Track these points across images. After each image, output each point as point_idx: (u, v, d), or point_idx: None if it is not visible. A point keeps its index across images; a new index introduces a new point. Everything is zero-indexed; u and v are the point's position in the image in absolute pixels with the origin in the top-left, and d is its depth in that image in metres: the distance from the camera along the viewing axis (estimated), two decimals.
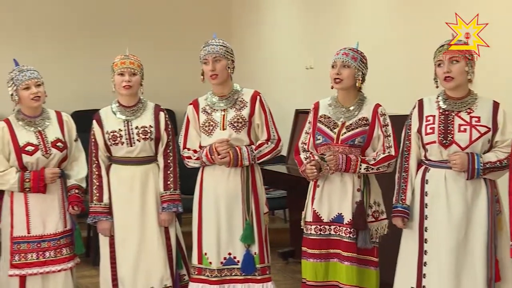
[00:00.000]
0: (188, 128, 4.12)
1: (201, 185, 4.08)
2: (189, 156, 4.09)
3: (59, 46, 7.60)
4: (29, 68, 4.08)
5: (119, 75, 4.06)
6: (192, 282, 4.08)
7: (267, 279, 4.06)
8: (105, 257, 4.14)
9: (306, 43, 7.01)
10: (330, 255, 3.83)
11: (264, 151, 4.05)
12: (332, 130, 3.82)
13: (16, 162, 4.03)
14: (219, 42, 4.03)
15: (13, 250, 4.04)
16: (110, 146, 4.10)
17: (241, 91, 4.10)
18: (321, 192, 3.84)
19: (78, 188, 4.11)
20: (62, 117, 4.16)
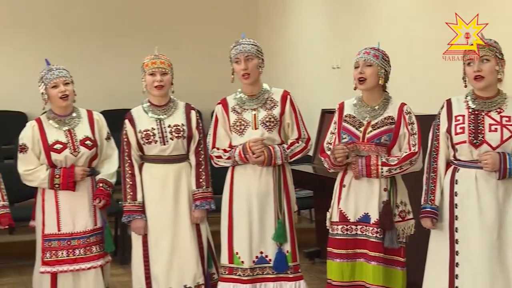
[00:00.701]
0: (217, 127, 4.13)
1: (231, 184, 4.09)
2: (219, 156, 4.10)
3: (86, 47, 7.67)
4: (58, 67, 4.12)
5: (150, 75, 4.08)
6: (222, 282, 4.08)
7: (300, 277, 4.07)
8: (138, 255, 4.15)
9: (332, 43, 6.99)
10: (356, 255, 3.82)
11: (295, 150, 4.07)
12: (358, 128, 3.81)
13: (46, 160, 4.08)
14: (250, 41, 4.04)
15: (44, 247, 4.09)
16: (143, 145, 4.12)
17: (271, 90, 4.11)
18: (347, 191, 3.83)
19: (105, 182, 4.13)
20: (93, 116, 4.19)
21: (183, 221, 4.12)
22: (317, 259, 5.75)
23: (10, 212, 4.06)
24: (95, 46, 7.75)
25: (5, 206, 4.02)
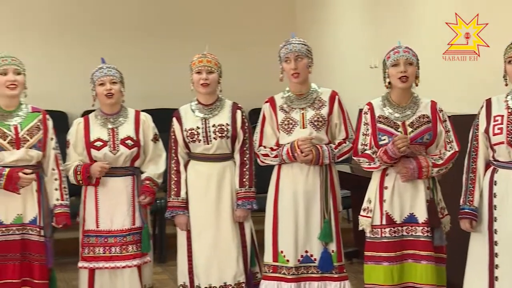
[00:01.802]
0: (264, 126, 4.15)
1: (277, 183, 4.11)
2: (266, 154, 4.11)
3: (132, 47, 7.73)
4: (109, 66, 4.18)
5: (196, 73, 4.13)
6: (266, 280, 4.10)
7: (345, 278, 4.07)
8: (182, 249, 4.21)
9: (370, 42, 6.95)
10: (403, 257, 3.80)
11: (343, 150, 4.07)
12: (397, 129, 3.78)
13: (87, 157, 4.15)
14: (300, 41, 4.06)
15: (83, 242, 4.16)
16: (188, 143, 4.16)
17: (319, 90, 4.11)
18: (391, 193, 3.80)
19: (151, 180, 4.16)
20: (140, 116, 4.23)
21: (225, 219, 4.15)
22: (355, 259, 5.72)
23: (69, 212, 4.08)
24: (136, 46, 7.83)
25: (63, 205, 4.05)
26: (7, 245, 3.96)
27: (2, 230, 3.97)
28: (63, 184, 4.08)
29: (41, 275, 4.00)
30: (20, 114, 4.02)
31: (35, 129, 4.02)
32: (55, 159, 4.06)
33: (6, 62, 3.97)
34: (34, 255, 3.99)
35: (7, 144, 3.95)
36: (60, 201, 4.05)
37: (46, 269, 4.01)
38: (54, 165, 4.06)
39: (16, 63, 3.99)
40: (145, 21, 8.03)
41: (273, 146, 4.11)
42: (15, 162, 3.96)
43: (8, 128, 3.98)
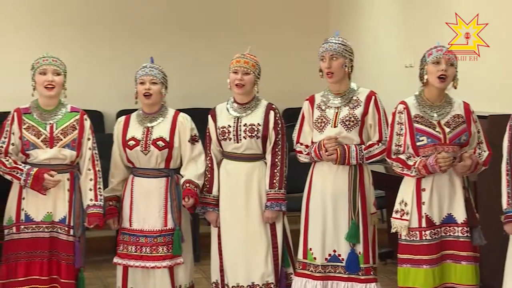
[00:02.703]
0: (303, 123, 4.14)
1: (311, 181, 4.11)
2: (300, 151, 4.12)
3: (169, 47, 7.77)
4: (152, 66, 4.19)
5: (233, 73, 4.14)
6: (296, 277, 4.10)
7: (371, 280, 4.02)
8: (214, 248, 4.23)
9: (405, 41, 6.90)
10: (442, 258, 3.78)
11: (373, 152, 4.02)
12: (434, 129, 3.75)
13: (124, 156, 4.18)
14: (338, 40, 4.03)
15: (119, 239, 4.20)
16: (221, 141, 4.18)
17: (357, 90, 4.08)
18: (430, 195, 3.77)
19: (191, 182, 4.13)
20: (178, 117, 4.21)
21: (253, 219, 4.15)
22: (389, 260, 5.68)
23: (102, 212, 4.08)
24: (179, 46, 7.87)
25: (96, 206, 4.04)
26: (36, 242, 4.00)
27: (32, 227, 4.02)
28: (98, 184, 4.08)
29: (67, 274, 4.02)
30: (58, 114, 4.06)
31: (70, 128, 4.05)
32: (91, 159, 4.08)
33: (46, 62, 4.02)
34: (62, 254, 4.02)
35: (40, 142, 4.00)
36: (94, 202, 4.04)
37: (72, 269, 4.03)
38: (90, 165, 4.07)
39: (56, 64, 4.03)
40: (184, 21, 8.06)
41: (308, 143, 4.10)
42: (48, 161, 4.01)
43: (44, 127, 4.03)
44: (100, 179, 4.10)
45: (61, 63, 4.06)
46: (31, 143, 4.00)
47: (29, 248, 4.00)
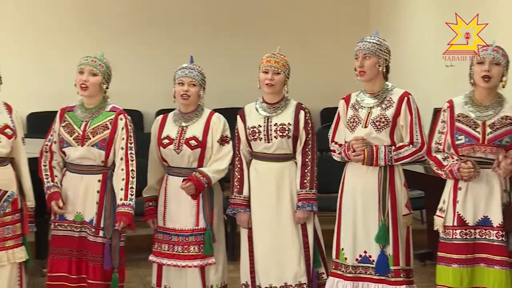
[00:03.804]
0: (338, 122, 4.13)
1: (343, 180, 4.09)
2: (333, 150, 4.12)
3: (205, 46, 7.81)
4: (192, 67, 4.20)
5: (263, 73, 4.14)
6: (330, 276, 4.10)
7: (401, 283, 3.97)
8: (245, 249, 4.23)
9: (446, 40, 6.81)
10: (475, 260, 3.73)
11: (403, 154, 3.96)
12: (475, 129, 3.70)
13: (159, 154, 4.21)
14: (373, 39, 4.00)
15: (155, 238, 4.24)
16: (250, 141, 4.18)
17: (392, 90, 4.04)
18: (464, 195, 3.73)
19: (200, 172, 4.09)
20: (212, 117, 4.22)
21: (284, 219, 4.14)
22: (428, 261, 5.62)
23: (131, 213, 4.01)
24: (215, 46, 7.90)
25: (125, 205, 3.99)
26: (66, 240, 4.06)
27: (64, 225, 4.07)
28: (129, 184, 4.01)
29: (95, 275, 4.04)
30: (94, 112, 4.08)
31: (101, 128, 4.05)
32: (124, 158, 4.02)
33: (85, 62, 4.05)
34: (90, 255, 4.05)
35: (72, 139, 4.04)
36: (123, 201, 3.99)
37: (100, 270, 4.03)
38: (123, 165, 4.02)
39: (94, 65, 4.03)
40: (223, 21, 8.11)
41: (342, 142, 4.09)
42: (80, 160, 4.04)
43: (79, 125, 4.06)
44: (132, 179, 4.02)
45: (100, 64, 4.04)
46: (65, 140, 4.05)
47: (60, 245, 4.07)
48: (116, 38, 7.79)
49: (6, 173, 3.88)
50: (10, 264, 3.85)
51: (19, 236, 3.91)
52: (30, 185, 3.99)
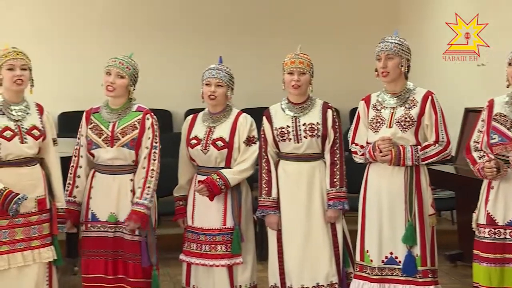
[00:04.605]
0: (358, 123, 4.11)
1: (366, 182, 4.07)
2: (355, 151, 4.10)
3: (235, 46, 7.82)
4: (220, 67, 4.21)
5: (288, 74, 4.13)
6: (354, 279, 4.08)
7: (429, 283, 3.95)
8: (273, 251, 4.21)
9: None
10: (505, 260, 3.69)
11: (430, 153, 3.95)
12: (509, 129, 3.67)
13: (188, 154, 4.22)
14: (395, 39, 3.99)
15: (185, 237, 4.26)
16: (278, 142, 4.17)
17: (414, 90, 4.02)
18: (495, 194, 3.70)
19: (218, 173, 4.11)
20: (239, 118, 4.23)
21: (316, 219, 4.13)
22: (459, 262, 5.57)
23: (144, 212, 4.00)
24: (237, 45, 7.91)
25: (139, 204, 3.99)
26: (101, 241, 4.08)
27: (97, 226, 4.09)
28: (147, 183, 4.02)
29: (135, 273, 4.07)
30: (123, 113, 4.10)
31: (130, 128, 4.07)
32: (147, 157, 4.03)
33: (112, 64, 4.07)
34: (128, 254, 4.07)
35: (101, 141, 4.06)
36: (137, 200, 4.00)
37: (140, 268, 4.06)
38: (145, 164, 4.03)
39: (121, 67, 4.04)
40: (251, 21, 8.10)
41: (364, 144, 4.07)
42: (111, 161, 4.07)
43: (107, 126, 4.09)
44: (151, 179, 4.03)
45: (128, 66, 4.06)
46: (94, 142, 4.07)
47: (94, 246, 4.08)
48: (146, 39, 7.83)
49: (34, 173, 3.90)
50: (37, 264, 3.87)
51: (47, 236, 3.92)
52: (60, 186, 4.00)
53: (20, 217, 3.84)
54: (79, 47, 7.74)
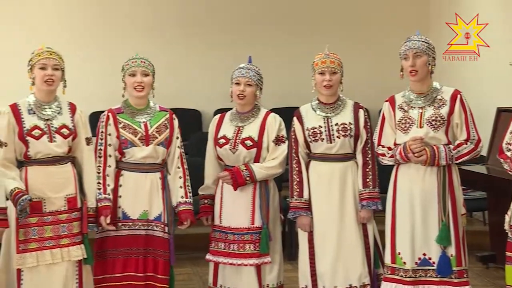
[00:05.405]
0: (384, 125, 4.08)
1: (395, 183, 4.03)
2: (383, 153, 4.06)
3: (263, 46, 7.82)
4: (249, 67, 4.23)
5: (319, 74, 4.12)
6: (385, 282, 4.04)
7: (465, 283, 3.92)
8: (304, 252, 4.19)
9: (509, 38, 6.66)
10: None
11: (462, 152, 3.92)
12: None
13: (215, 153, 4.24)
14: (421, 38, 3.97)
15: (211, 236, 4.26)
16: (310, 143, 4.15)
17: (441, 89, 4.00)
18: None
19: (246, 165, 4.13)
20: (267, 117, 4.23)
21: (348, 220, 4.11)
22: (492, 264, 5.50)
23: (193, 209, 4.15)
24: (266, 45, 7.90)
25: (187, 203, 4.13)
26: (133, 239, 4.09)
27: (129, 224, 4.11)
28: (187, 182, 4.16)
29: (164, 271, 4.11)
30: (148, 112, 4.16)
31: (163, 127, 4.14)
32: (179, 157, 4.15)
33: (135, 64, 4.11)
34: (159, 251, 4.10)
35: (137, 140, 4.09)
36: (185, 199, 4.12)
37: (168, 265, 4.12)
38: (179, 163, 4.15)
39: (145, 65, 4.11)
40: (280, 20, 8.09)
41: (391, 145, 4.03)
42: (144, 159, 4.10)
43: (139, 125, 4.12)
44: (188, 177, 4.17)
45: (149, 63, 4.14)
46: (129, 141, 4.09)
47: (126, 245, 4.09)
48: (176, 39, 7.85)
49: (64, 171, 3.93)
50: (66, 262, 3.89)
51: (76, 235, 3.94)
52: (91, 185, 4.01)
53: (49, 215, 3.89)
54: (110, 48, 7.79)
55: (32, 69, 3.92)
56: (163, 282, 4.11)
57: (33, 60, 3.90)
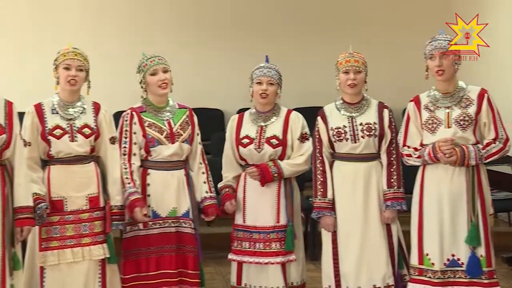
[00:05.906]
0: (408, 125, 4.05)
1: (422, 184, 4.00)
2: (409, 154, 4.02)
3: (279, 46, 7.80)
4: (270, 66, 4.23)
5: (344, 73, 4.10)
6: (412, 283, 4.01)
7: (495, 284, 3.90)
8: (328, 253, 4.17)
9: None
10: None
11: (491, 151, 3.89)
12: None
13: (237, 153, 4.24)
14: (447, 37, 3.94)
15: (233, 236, 4.26)
16: (334, 143, 4.14)
17: (467, 88, 3.96)
18: None
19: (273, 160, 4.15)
20: (290, 115, 4.24)
21: (373, 220, 4.09)
22: None
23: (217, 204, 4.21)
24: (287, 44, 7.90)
25: (212, 198, 4.18)
26: (164, 237, 4.11)
27: (159, 222, 4.12)
28: (209, 177, 4.22)
29: (194, 266, 4.13)
30: (169, 110, 4.18)
31: (186, 124, 4.18)
32: (201, 153, 4.21)
33: (154, 63, 4.12)
34: (188, 247, 4.13)
35: (164, 138, 4.11)
36: (210, 194, 4.17)
37: (198, 261, 4.15)
38: (201, 159, 4.21)
39: (164, 62, 4.14)
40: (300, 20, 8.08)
41: (417, 146, 4.00)
42: (170, 157, 4.12)
43: (163, 123, 4.14)
44: (209, 172, 4.23)
45: (166, 60, 4.16)
46: (155, 139, 4.11)
47: (158, 243, 4.11)
48: (198, 39, 7.87)
49: (86, 171, 3.96)
50: (87, 261, 3.91)
51: (98, 234, 3.95)
52: (115, 185, 4.00)
53: (70, 214, 3.91)
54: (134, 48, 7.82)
55: (56, 69, 3.95)
56: (194, 277, 4.14)
57: (58, 59, 3.94)
